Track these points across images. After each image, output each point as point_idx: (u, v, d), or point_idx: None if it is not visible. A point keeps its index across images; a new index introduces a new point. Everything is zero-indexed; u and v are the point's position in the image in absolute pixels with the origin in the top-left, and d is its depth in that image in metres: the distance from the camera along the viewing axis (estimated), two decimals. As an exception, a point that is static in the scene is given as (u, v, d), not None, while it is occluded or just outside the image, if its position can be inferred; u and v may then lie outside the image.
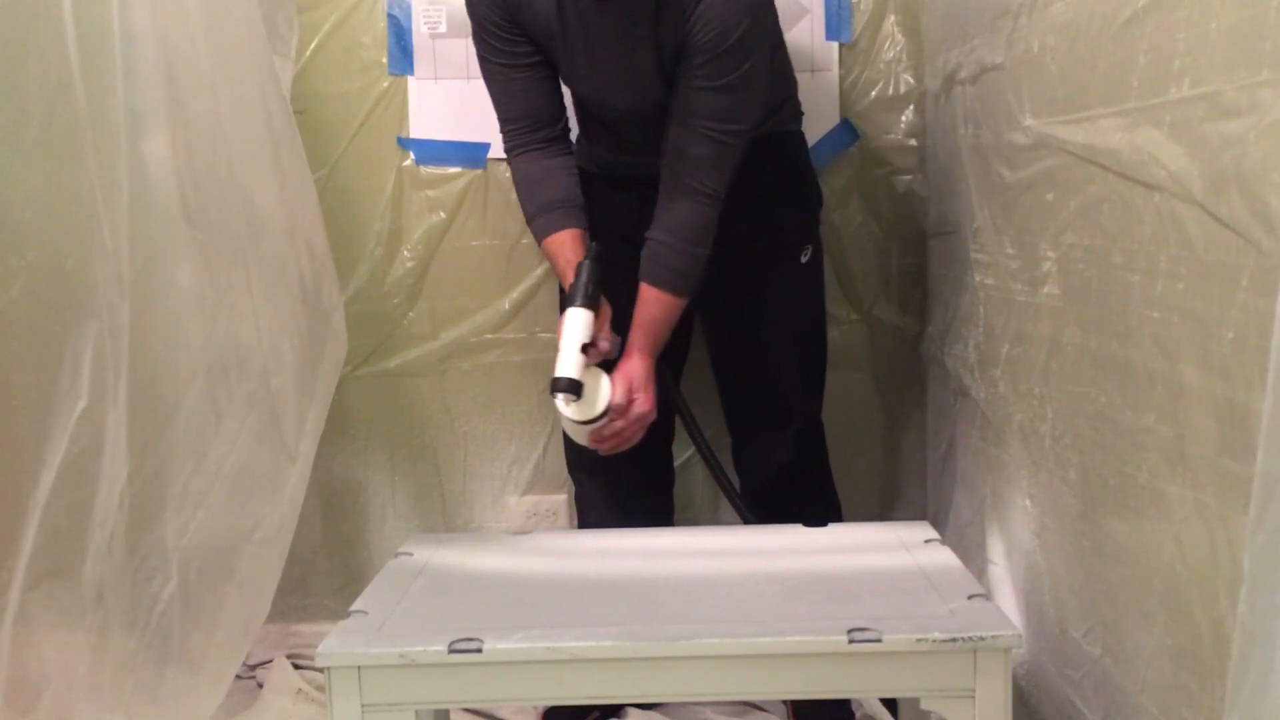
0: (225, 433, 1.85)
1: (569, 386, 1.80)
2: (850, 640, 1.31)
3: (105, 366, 1.65)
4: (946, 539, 1.73)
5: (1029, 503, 1.69)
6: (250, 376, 1.88)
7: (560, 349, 1.82)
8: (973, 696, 1.32)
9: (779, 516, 1.95)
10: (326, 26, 2.39)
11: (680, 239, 1.86)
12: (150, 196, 1.73)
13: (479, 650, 1.33)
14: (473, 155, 2.35)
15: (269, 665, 2.33)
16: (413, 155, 2.43)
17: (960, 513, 2.09)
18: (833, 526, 1.83)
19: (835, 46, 2.37)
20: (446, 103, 2.39)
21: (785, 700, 2.09)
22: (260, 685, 2.30)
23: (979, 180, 1.88)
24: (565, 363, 1.80)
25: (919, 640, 1.31)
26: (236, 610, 1.89)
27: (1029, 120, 1.61)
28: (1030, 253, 1.63)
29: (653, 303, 1.88)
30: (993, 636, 1.31)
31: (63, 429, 1.64)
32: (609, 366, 1.89)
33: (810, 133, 2.26)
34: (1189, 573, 1.16)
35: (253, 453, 1.88)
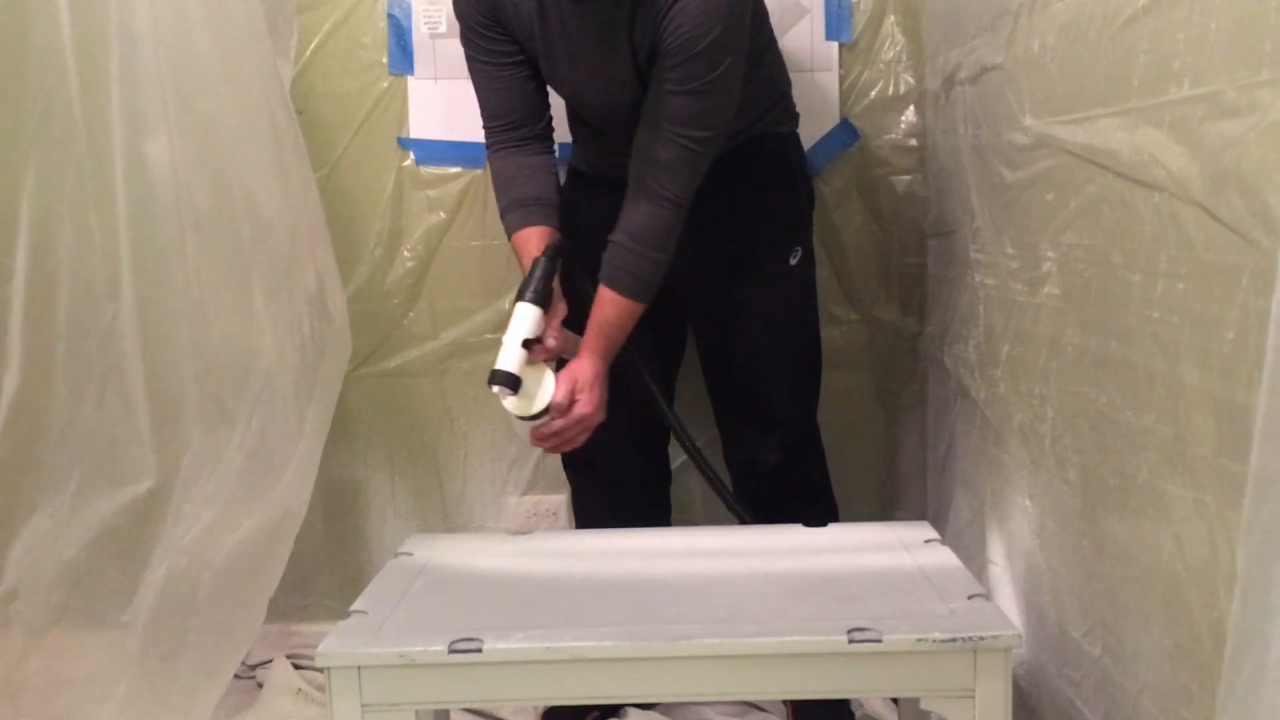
0: (234, 434, 1.85)
1: (505, 380, 1.78)
2: (850, 640, 1.31)
3: (98, 368, 1.65)
4: (946, 539, 1.72)
5: (1029, 503, 1.69)
6: (257, 378, 1.88)
7: (503, 342, 1.81)
8: (973, 696, 1.32)
9: (770, 520, 1.94)
10: (326, 26, 2.40)
11: (639, 243, 1.84)
12: (154, 198, 1.73)
13: (479, 650, 1.33)
14: (473, 155, 2.34)
15: (269, 665, 2.33)
16: (413, 155, 2.43)
17: (960, 513, 2.09)
18: (833, 526, 1.82)
19: (835, 46, 2.37)
20: (446, 103, 2.39)
21: (785, 700, 2.09)
22: (260, 685, 2.30)
23: (979, 180, 1.88)
24: (505, 356, 1.79)
25: (919, 640, 1.31)
26: (236, 609, 1.89)
27: (1029, 120, 1.61)
28: (1030, 253, 1.63)
29: (607, 304, 1.86)
30: (993, 636, 1.31)
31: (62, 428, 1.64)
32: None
33: (810, 133, 2.26)
34: (1189, 573, 1.16)
35: (257, 454, 1.89)
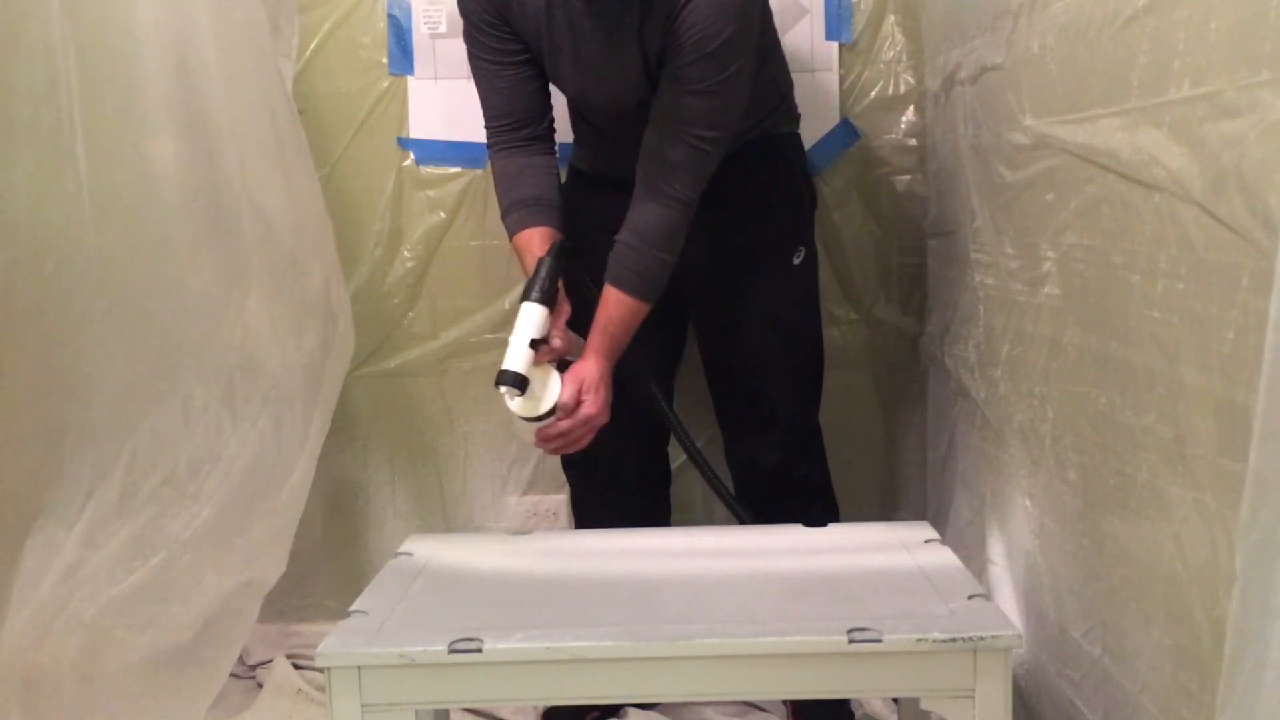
0: (238, 434, 1.85)
1: (513, 380, 1.78)
2: (850, 640, 1.31)
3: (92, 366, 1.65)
4: (946, 539, 1.72)
5: (1029, 503, 1.69)
6: (263, 377, 1.88)
7: (510, 343, 1.81)
8: (973, 696, 1.32)
9: (771, 519, 1.94)
10: (326, 26, 2.40)
11: (646, 242, 1.84)
12: (156, 198, 1.72)
13: (479, 650, 1.33)
14: (472, 155, 2.34)
15: (269, 665, 2.33)
16: (413, 155, 2.43)
17: (960, 513, 2.09)
18: (833, 526, 1.82)
19: (835, 46, 2.37)
20: (446, 103, 2.39)
21: (785, 700, 2.09)
22: (260, 685, 2.30)
23: (979, 180, 1.88)
24: (512, 356, 1.79)
25: (919, 640, 1.31)
26: (234, 609, 1.89)
27: (1029, 120, 1.61)
28: (1030, 253, 1.63)
29: (613, 304, 1.86)
30: (993, 636, 1.31)
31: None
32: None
33: (810, 133, 2.26)
34: (1189, 573, 1.16)
35: (261, 453, 1.88)
